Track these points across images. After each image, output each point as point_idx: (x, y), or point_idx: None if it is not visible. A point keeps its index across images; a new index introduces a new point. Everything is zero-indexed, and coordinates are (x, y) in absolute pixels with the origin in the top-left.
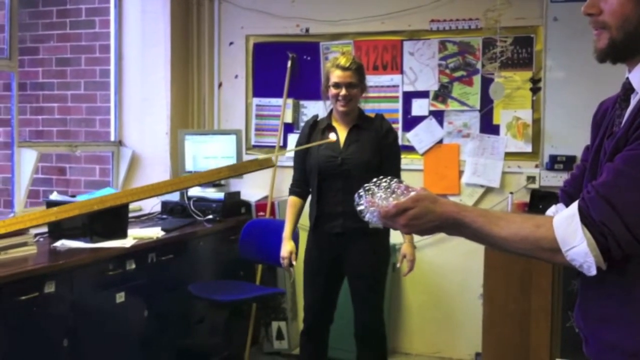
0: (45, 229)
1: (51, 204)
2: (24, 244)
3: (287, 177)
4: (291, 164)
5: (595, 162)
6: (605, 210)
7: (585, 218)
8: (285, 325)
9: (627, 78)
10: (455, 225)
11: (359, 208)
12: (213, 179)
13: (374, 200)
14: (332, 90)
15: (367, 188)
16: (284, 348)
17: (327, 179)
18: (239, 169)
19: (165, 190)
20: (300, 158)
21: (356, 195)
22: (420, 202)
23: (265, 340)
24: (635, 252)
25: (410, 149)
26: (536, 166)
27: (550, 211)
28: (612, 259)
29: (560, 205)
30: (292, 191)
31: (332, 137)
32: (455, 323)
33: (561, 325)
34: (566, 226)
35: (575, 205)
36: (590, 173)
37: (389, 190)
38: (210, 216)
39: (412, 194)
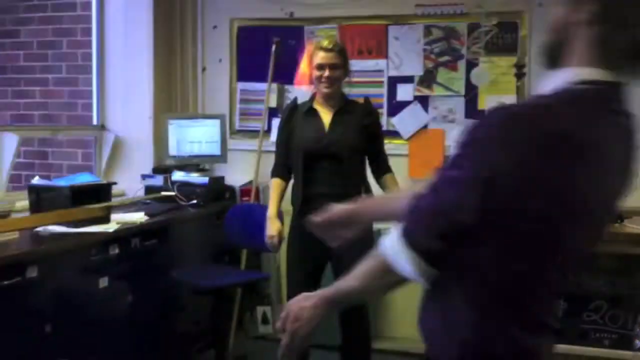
0: (26, 214)
1: (33, 189)
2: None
3: (271, 162)
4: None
5: None
6: (412, 221)
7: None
8: (270, 309)
9: None
10: (335, 303)
11: None
12: None
13: None
14: (316, 72)
15: None
16: (268, 332)
17: (312, 159)
18: None
19: None
20: (284, 143)
21: None
22: (289, 306)
23: (251, 325)
24: (442, 256)
25: (395, 134)
26: None
27: None
28: (440, 268)
29: None
30: (275, 173)
31: None
32: None
33: None
34: (391, 247)
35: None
36: None
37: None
38: (195, 201)
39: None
